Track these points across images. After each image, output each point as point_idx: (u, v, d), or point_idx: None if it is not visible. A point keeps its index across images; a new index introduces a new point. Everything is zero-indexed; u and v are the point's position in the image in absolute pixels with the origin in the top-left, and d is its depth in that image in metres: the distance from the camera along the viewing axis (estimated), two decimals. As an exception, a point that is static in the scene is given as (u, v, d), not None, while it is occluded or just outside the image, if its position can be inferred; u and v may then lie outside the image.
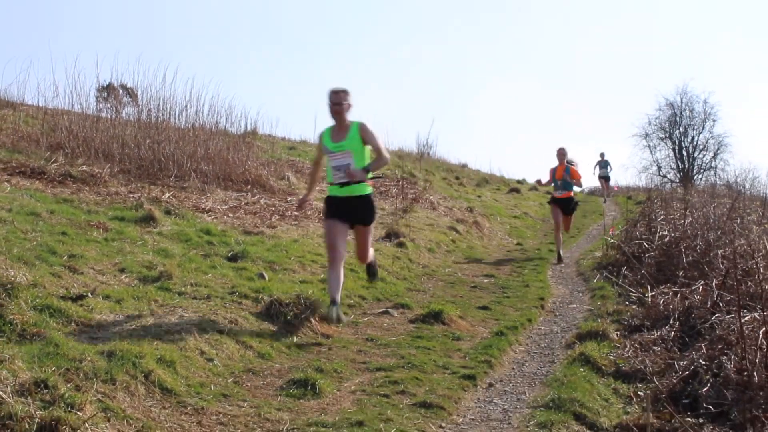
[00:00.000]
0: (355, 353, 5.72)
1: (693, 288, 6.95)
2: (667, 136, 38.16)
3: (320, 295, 6.61)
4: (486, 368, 5.54)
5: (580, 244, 14.30)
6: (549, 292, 8.95)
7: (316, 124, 32.42)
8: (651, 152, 38.38)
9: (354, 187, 6.16)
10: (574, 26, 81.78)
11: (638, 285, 8.17)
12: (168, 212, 8.61)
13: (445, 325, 6.71)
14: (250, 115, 26.71)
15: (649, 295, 7.35)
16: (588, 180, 36.34)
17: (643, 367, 5.59)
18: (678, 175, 36.83)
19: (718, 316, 5.96)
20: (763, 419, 4.35)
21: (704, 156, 37.88)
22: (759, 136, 56.86)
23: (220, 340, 5.33)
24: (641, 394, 5.14)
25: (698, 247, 8.47)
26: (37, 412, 3.48)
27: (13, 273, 5.04)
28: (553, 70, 75.55)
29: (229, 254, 7.54)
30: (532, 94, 75.60)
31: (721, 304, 6.27)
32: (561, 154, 11.89)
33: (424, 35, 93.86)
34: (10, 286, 4.82)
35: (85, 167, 9.49)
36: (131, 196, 9.00)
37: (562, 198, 11.92)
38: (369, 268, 7.05)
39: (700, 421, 4.60)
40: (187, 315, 5.58)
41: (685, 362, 5.32)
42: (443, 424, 4.40)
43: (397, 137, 39.86)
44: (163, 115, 11.76)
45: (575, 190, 12.33)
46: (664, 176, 36.84)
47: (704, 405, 4.73)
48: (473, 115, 73.17)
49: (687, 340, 6.06)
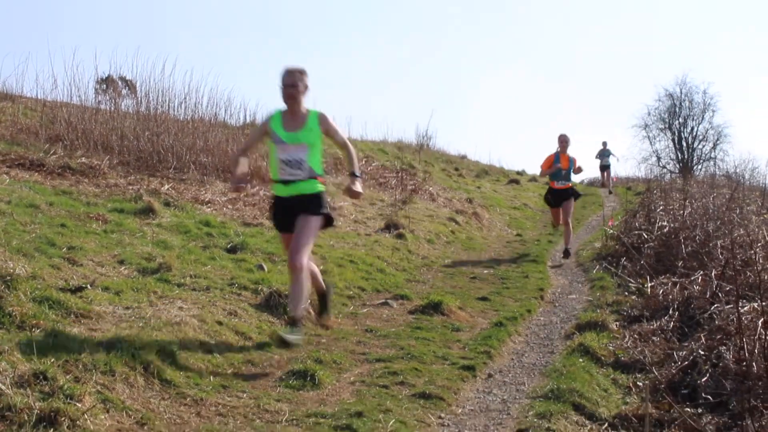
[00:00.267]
0: (354, 344, 5.73)
1: (692, 278, 6.96)
2: (667, 126, 38.21)
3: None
4: (485, 359, 5.55)
5: (579, 235, 14.29)
6: (548, 283, 8.96)
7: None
8: (650, 143, 38.46)
9: (302, 185, 5.31)
10: (575, 20, 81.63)
11: (637, 275, 8.17)
12: (167, 204, 8.60)
13: (444, 316, 6.72)
14: (249, 107, 26.70)
15: (649, 285, 7.36)
16: (589, 170, 36.36)
17: (642, 358, 5.60)
18: (677, 166, 36.86)
19: (717, 307, 5.97)
20: (762, 409, 4.35)
21: (703, 146, 37.97)
22: (758, 127, 56.88)
23: (219, 332, 5.34)
24: (640, 384, 5.15)
25: (697, 237, 8.47)
26: (37, 404, 3.49)
27: (12, 265, 5.05)
28: (553, 64, 75.45)
29: (229, 246, 7.53)
30: (532, 86, 75.59)
31: (720, 295, 6.28)
32: (564, 141, 10.90)
33: (425, 28, 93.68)
34: (9, 278, 4.81)
35: (84, 159, 9.47)
36: (130, 188, 8.99)
37: (562, 189, 10.99)
38: (321, 298, 5.93)
39: (699, 411, 4.61)
40: (186, 306, 5.58)
41: (684, 352, 5.33)
42: (442, 415, 4.41)
43: (397, 129, 39.89)
44: (162, 107, 11.73)
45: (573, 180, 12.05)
46: (664, 167, 36.91)
47: (703, 395, 4.74)
48: (473, 108, 73.20)
49: (686, 330, 6.07)
